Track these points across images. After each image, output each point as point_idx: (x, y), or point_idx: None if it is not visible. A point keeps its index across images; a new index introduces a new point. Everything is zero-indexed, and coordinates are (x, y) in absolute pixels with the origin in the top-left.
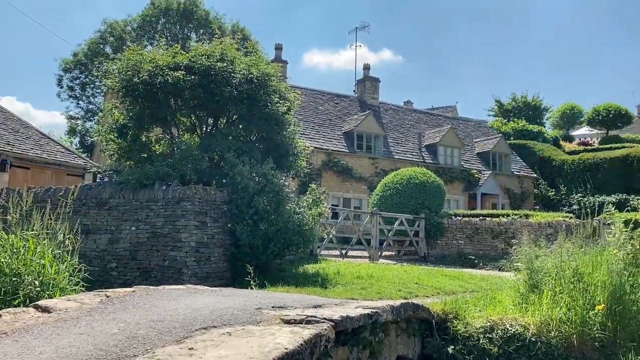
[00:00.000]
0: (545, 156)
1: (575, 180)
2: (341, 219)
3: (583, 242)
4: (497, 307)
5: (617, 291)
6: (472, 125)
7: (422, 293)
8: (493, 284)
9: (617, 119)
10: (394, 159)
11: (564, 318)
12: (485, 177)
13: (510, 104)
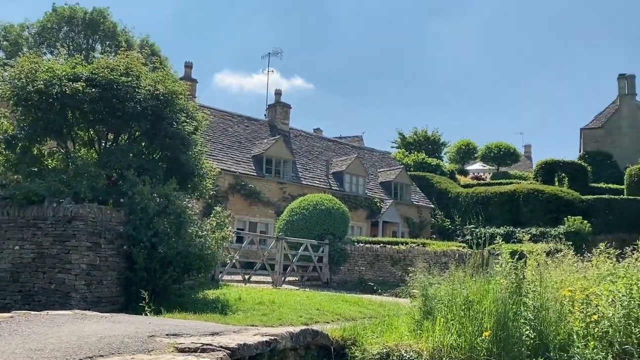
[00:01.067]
0: (442, 188)
1: (469, 211)
2: (246, 244)
3: (474, 271)
4: (393, 334)
5: (502, 318)
6: (376, 156)
7: (322, 319)
8: (390, 310)
9: (507, 156)
10: (302, 184)
11: (454, 344)
12: (387, 205)
13: (412, 137)
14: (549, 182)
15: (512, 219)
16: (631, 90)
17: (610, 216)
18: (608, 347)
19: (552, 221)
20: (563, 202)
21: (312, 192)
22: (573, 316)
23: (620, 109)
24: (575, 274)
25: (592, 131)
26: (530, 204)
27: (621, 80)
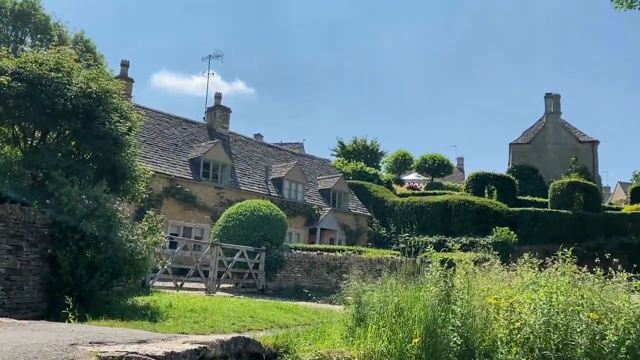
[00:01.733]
0: (380, 197)
1: (404, 220)
2: (179, 249)
3: (406, 279)
4: (326, 341)
5: (431, 325)
6: (316, 163)
7: (256, 326)
8: (324, 317)
9: (441, 168)
10: (240, 189)
11: (385, 351)
12: (325, 213)
13: (352, 146)
14: (480, 194)
15: (444, 228)
16: (556, 109)
17: (535, 228)
18: (529, 353)
19: (482, 231)
20: (492, 213)
21: (251, 198)
22: (498, 323)
23: (547, 126)
24: (500, 283)
25: (520, 146)
26: (462, 214)
27: (548, 99)
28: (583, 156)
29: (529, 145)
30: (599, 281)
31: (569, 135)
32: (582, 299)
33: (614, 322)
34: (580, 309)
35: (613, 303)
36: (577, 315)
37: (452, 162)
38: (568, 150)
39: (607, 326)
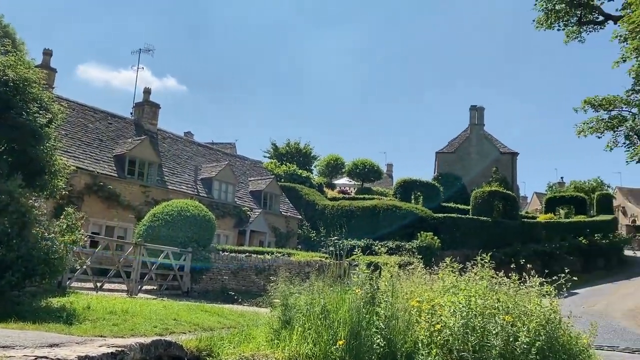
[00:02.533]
0: (311, 200)
1: (334, 224)
2: (100, 249)
3: (333, 281)
4: (251, 344)
5: (356, 327)
6: (248, 164)
7: (179, 329)
8: (250, 320)
9: (371, 173)
10: (168, 189)
11: (309, 353)
12: (255, 215)
13: (285, 148)
14: (407, 200)
15: (372, 232)
16: (480, 121)
17: (457, 233)
18: (448, 354)
19: (408, 236)
20: (417, 218)
21: (178, 198)
22: (419, 325)
23: (470, 137)
24: (423, 286)
25: (445, 155)
26: (389, 218)
27: (472, 111)
28: (503, 166)
29: (454, 155)
30: (514, 286)
31: (491, 146)
32: (499, 302)
33: (526, 324)
34: (496, 312)
35: (526, 306)
36: (494, 318)
37: (381, 168)
38: (490, 160)
39: (520, 328)
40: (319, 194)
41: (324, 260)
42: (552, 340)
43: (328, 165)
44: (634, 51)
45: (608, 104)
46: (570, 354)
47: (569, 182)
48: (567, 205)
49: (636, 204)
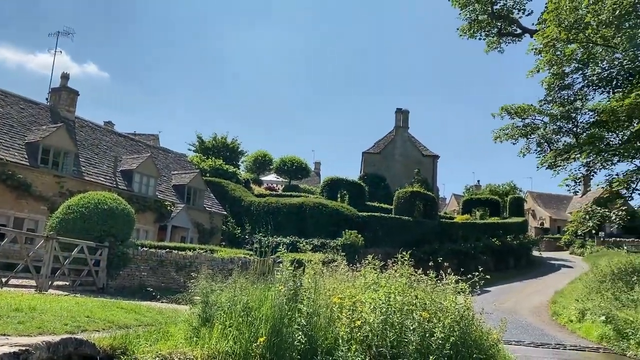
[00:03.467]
0: (237, 196)
1: (260, 221)
2: (7, 242)
3: (256, 279)
4: (169, 341)
5: (278, 324)
6: (171, 157)
7: (92, 327)
8: (169, 318)
9: (299, 171)
10: (84, 180)
11: (230, 351)
12: (178, 210)
13: (211, 142)
14: (333, 198)
15: (299, 229)
16: (405, 124)
17: (380, 232)
18: (367, 350)
19: (333, 233)
20: (343, 216)
21: (96, 190)
22: (340, 322)
23: (395, 138)
24: (346, 283)
25: (371, 155)
26: (316, 216)
27: (398, 114)
28: (425, 168)
29: (379, 155)
30: (432, 283)
31: (414, 148)
32: (416, 299)
33: (442, 320)
34: (414, 309)
35: (442, 303)
36: (411, 314)
37: (310, 166)
38: (413, 162)
39: (436, 324)
40: (246, 190)
41: (248, 258)
42: (465, 336)
43: (256, 161)
44: (547, 63)
45: (523, 112)
46: (482, 349)
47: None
48: (483, 207)
49: (544, 208)
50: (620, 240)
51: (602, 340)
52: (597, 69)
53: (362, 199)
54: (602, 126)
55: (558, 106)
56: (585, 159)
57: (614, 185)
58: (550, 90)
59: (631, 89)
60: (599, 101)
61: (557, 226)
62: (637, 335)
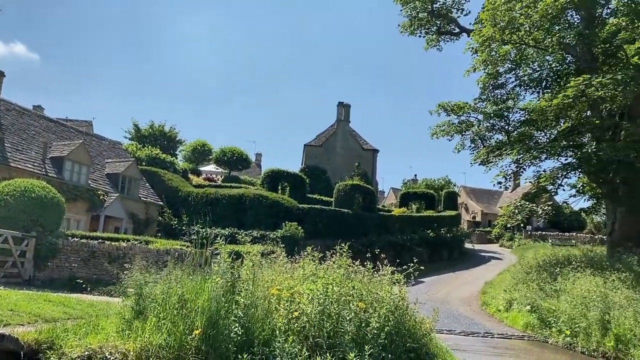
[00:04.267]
0: (174, 186)
1: (198, 211)
2: None
3: (193, 270)
4: (99, 335)
5: (214, 316)
6: (106, 145)
7: (16, 321)
8: (101, 310)
9: (239, 162)
10: (10, 166)
11: (163, 344)
12: (112, 199)
13: (148, 130)
14: (274, 190)
15: (238, 221)
16: (346, 117)
17: (320, 224)
18: (304, 341)
19: (273, 225)
20: (283, 208)
21: (23, 177)
22: (278, 313)
23: (337, 132)
24: (284, 274)
25: (313, 148)
26: (255, 208)
27: (340, 108)
28: (365, 162)
29: (321, 148)
30: (369, 274)
31: (355, 142)
32: (354, 289)
33: (377, 310)
34: (351, 299)
35: (378, 293)
36: (348, 304)
37: (250, 157)
38: (353, 155)
39: (372, 314)
40: (183, 181)
41: (185, 249)
42: (400, 325)
43: (194, 151)
44: (483, 63)
45: (458, 110)
46: (415, 338)
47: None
48: (419, 200)
49: (476, 202)
50: (545, 234)
51: (527, 329)
52: (529, 69)
53: (303, 191)
54: (532, 125)
55: (492, 104)
56: (515, 156)
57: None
58: (485, 89)
59: (559, 90)
60: (529, 101)
61: (488, 220)
62: (559, 324)
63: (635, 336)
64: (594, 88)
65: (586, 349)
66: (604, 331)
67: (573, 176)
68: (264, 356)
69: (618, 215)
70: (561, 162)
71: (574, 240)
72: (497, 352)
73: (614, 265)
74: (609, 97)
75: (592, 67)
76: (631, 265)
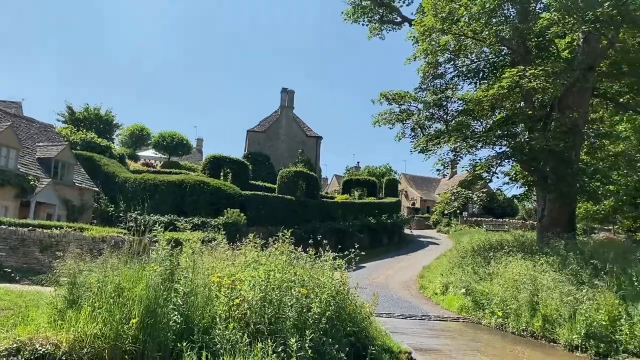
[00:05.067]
0: (110, 172)
1: (136, 198)
2: None
3: (131, 258)
4: (29, 326)
5: (152, 305)
6: (37, 128)
7: None
8: (31, 301)
9: (179, 147)
10: None
11: (99, 333)
12: (43, 185)
13: (83, 113)
14: (216, 176)
15: (178, 207)
16: (290, 104)
17: (263, 211)
18: (245, 327)
19: (214, 212)
20: (225, 195)
21: None
22: (219, 300)
23: (280, 118)
24: (225, 261)
25: (256, 134)
26: (196, 194)
27: (283, 94)
28: (309, 149)
29: (264, 134)
30: (311, 260)
31: (299, 129)
32: (295, 275)
33: (319, 295)
34: (293, 285)
35: (320, 279)
36: (290, 290)
37: (191, 142)
38: (297, 142)
39: (313, 300)
40: (121, 166)
41: (122, 237)
42: (341, 310)
43: (132, 136)
44: (423, 52)
45: (399, 99)
46: (355, 322)
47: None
48: (361, 187)
49: (416, 189)
50: (480, 220)
51: (462, 311)
52: (467, 60)
53: (246, 177)
54: (469, 115)
55: (431, 94)
56: (453, 144)
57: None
58: (425, 78)
59: (495, 81)
60: (467, 91)
61: (427, 206)
62: (492, 306)
63: (561, 316)
64: (527, 79)
65: (516, 329)
66: (533, 312)
67: (507, 164)
68: (204, 344)
69: (547, 202)
70: (496, 150)
71: (507, 225)
72: (434, 333)
73: (543, 249)
74: (541, 88)
75: (526, 59)
76: (558, 250)
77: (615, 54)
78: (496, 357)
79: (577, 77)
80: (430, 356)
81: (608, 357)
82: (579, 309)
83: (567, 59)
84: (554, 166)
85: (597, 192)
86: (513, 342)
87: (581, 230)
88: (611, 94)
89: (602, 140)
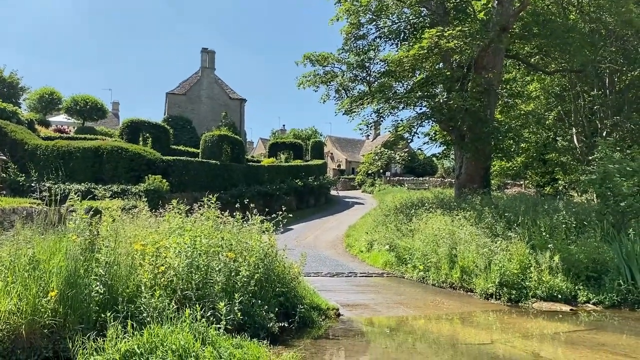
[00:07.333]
0: (19, 139)
1: (49, 166)
2: None
3: (46, 229)
4: None
5: (72, 276)
6: None
7: None
8: None
9: (94, 111)
10: None
11: (14, 309)
12: None
13: None
14: (134, 141)
15: (95, 175)
16: (211, 65)
17: (187, 176)
18: (172, 294)
19: (135, 179)
20: (145, 161)
21: None
22: (143, 269)
23: (201, 80)
24: (148, 229)
25: (176, 97)
26: (114, 161)
27: (204, 54)
28: (232, 112)
29: (185, 97)
30: (238, 224)
31: (221, 91)
32: (223, 240)
33: (247, 259)
34: (220, 250)
35: (248, 243)
36: (217, 255)
37: (106, 107)
38: (220, 105)
39: (242, 263)
40: (30, 132)
41: (35, 207)
42: (269, 272)
43: (41, 100)
44: (346, 12)
45: (323, 60)
46: (284, 282)
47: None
48: (288, 150)
49: (341, 151)
50: (402, 179)
51: (386, 267)
52: (389, 21)
53: (167, 142)
54: (391, 76)
55: (354, 55)
56: (376, 106)
57: (399, 130)
58: (348, 39)
59: (415, 42)
60: (389, 52)
61: (352, 167)
62: (413, 260)
63: (477, 267)
64: (446, 40)
65: (437, 281)
66: (452, 264)
67: (427, 125)
68: (129, 313)
69: (465, 160)
70: (416, 111)
71: (427, 184)
72: (360, 289)
73: (460, 205)
74: (459, 49)
75: (445, 20)
76: (474, 205)
77: (527, 16)
78: (418, 308)
79: (492, 38)
80: (357, 311)
81: (519, 302)
82: (494, 259)
83: (483, 20)
84: (471, 125)
85: (510, 149)
86: (434, 293)
87: (495, 186)
88: (523, 55)
89: (514, 99)
